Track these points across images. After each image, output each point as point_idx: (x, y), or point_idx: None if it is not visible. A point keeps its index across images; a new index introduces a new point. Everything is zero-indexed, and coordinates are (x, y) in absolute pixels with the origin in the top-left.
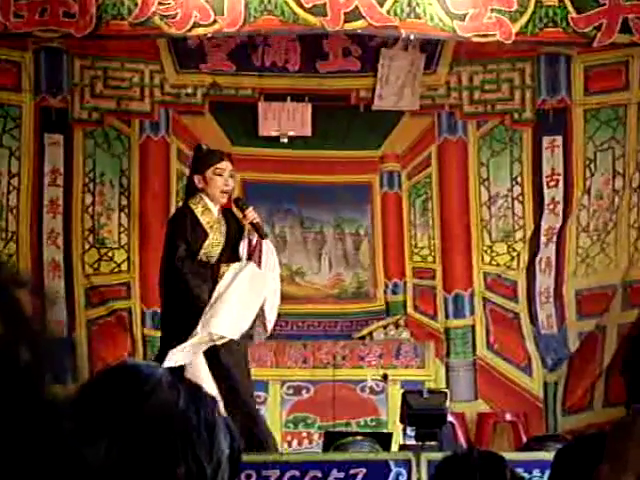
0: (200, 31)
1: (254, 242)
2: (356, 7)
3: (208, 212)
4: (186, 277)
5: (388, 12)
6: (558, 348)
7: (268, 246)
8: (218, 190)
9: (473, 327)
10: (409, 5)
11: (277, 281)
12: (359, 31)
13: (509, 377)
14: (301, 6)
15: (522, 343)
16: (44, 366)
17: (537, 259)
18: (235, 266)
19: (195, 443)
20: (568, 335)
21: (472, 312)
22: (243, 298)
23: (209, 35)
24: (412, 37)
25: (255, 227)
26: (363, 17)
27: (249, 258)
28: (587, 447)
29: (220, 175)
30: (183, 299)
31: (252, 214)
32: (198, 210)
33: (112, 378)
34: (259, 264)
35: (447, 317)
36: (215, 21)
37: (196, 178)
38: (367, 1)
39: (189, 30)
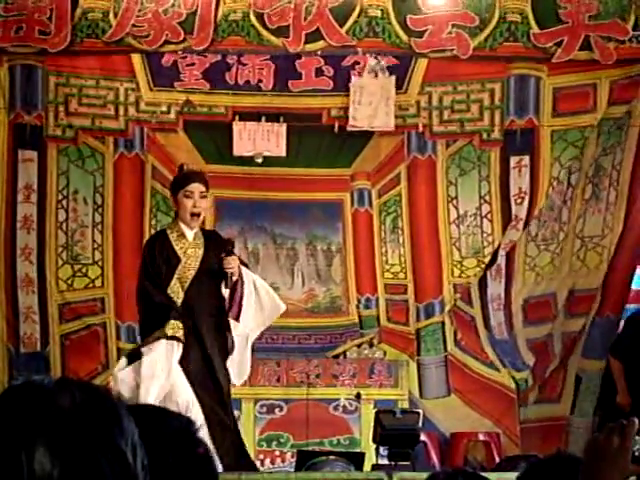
0: (171, 47)
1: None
2: (317, 28)
3: (182, 237)
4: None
5: (347, 32)
6: (511, 353)
7: (249, 284)
8: (188, 213)
9: (442, 324)
10: (368, 25)
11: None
12: (318, 52)
13: (479, 372)
14: (266, 27)
15: (481, 345)
16: None
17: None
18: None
19: (108, 434)
20: (518, 341)
21: (442, 311)
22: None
23: (179, 52)
24: (379, 66)
25: (225, 275)
26: (323, 38)
27: (230, 300)
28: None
29: (189, 197)
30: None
31: (228, 264)
32: (173, 236)
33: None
34: (239, 307)
35: (418, 320)
36: (185, 39)
37: (172, 201)
38: (328, 22)
39: (161, 46)
